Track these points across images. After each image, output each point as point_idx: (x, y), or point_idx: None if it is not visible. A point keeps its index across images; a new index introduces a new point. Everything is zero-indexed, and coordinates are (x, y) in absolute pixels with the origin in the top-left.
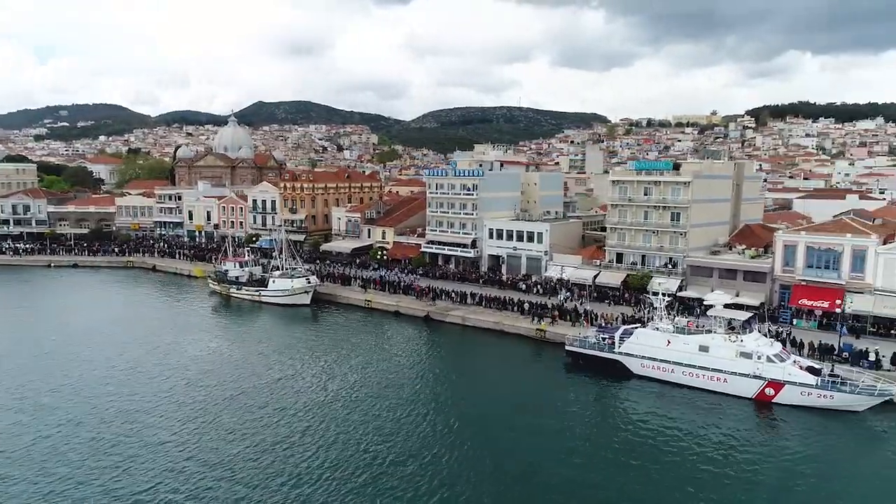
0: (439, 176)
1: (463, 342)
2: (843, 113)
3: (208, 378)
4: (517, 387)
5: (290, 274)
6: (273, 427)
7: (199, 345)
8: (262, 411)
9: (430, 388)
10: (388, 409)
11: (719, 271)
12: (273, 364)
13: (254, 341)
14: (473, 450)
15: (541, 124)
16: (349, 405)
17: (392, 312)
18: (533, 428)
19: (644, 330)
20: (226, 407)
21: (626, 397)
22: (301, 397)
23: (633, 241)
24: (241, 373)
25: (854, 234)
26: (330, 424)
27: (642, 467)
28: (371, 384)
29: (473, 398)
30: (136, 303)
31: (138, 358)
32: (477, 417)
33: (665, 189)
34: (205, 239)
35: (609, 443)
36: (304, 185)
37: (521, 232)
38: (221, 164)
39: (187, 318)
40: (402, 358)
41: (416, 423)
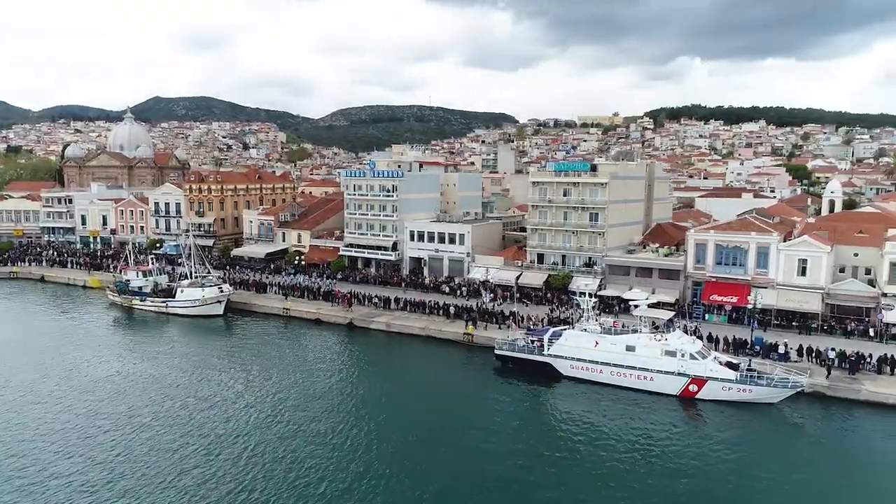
0: (357, 177)
1: (389, 349)
2: (730, 115)
3: (115, 404)
4: (447, 392)
5: (200, 283)
6: (195, 457)
7: (101, 365)
8: (182, 440)
9: (357, 399)
10: (314, 423)
11: (636, 270)
12: (187, 383)
13: (163, 358)
14: (404, 457)
15: (451, 123)
16: (273, 423)
17: (313, 320)
18: (464, 432)
19: (572, 332)
20: (139, 437)
21: (556, 399)
22: (222, 419)
23: (554, 241)
24: (152, 396)
25: (758, 233)
26: (256, 447)
27: (575, 465)
28: (295, 398)
29: (402, 406)
30: (24, 319)
31: (31, 384)
32: (407, 424)
33: (584, 190)
34: (100, 246)
35: (541, 443)
36: (211, 187)
37: (442, 234)
38: (117, 164)
39: (85, 335)
40: (325, 368)
41: (345, 434)
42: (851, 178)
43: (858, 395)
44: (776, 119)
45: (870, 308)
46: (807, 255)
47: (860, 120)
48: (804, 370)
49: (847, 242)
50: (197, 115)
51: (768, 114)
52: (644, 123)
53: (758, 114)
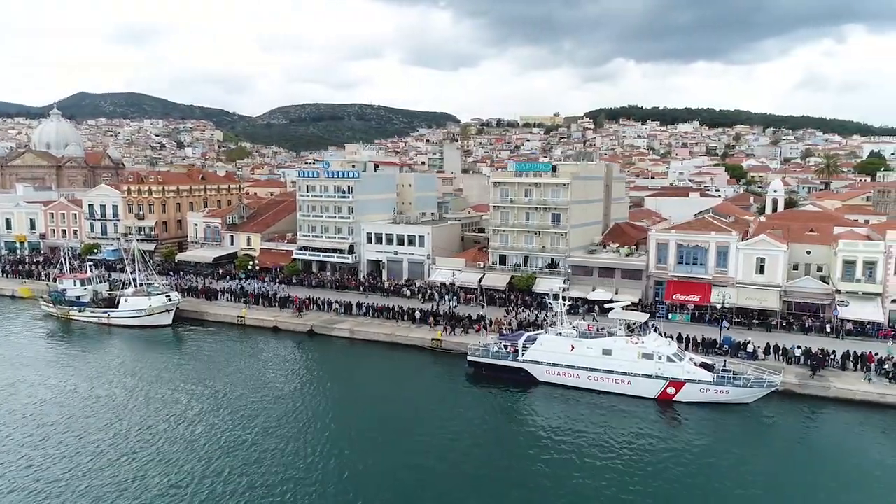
0: (311, 177)
1: (353, 357)
2: (665, 116)
3: (59, 428)
4: (418, 401)
5: (145, 291)
6: (158, 488)
7: (39, 386)
8: (143, 468)
9: (322, 411)
10: (280, 438)
11: (598, 270)
12: (141, 403)
13: (111, 375)
14: (376, 467)
15: (393, 122)
16: (236, 442)
17: (270, 328)
18: (439, 442)
19: (547, 336)
20: (95, 466)
21: (532, 405)
22: (183, 442)
23: (516, 242)
24: (100, 417)
25: (718, 232)
26: (217, 468)
27: (554, 472)
28: (257, 413)
29: (372, 416)
30: None
31: None
32: (378, 435)
33: (545, 190)
34: (28, 251)
35: (518, 450)
36: (152, 188)
37: (401, 236)
38: (44, 164)
39: (19, 350)
40: (288, 380)
41: (313, 449)
42: (784, 178)
43: (827, 393)
44: (708, 120)
45: (825, 304)
46: (765, 253)
47: (784, 122)
48: (778, 369)
49: (799, 241)
50: (126, 113)
51: (700, 115)
52: (585, 124)
53: (691, 115)
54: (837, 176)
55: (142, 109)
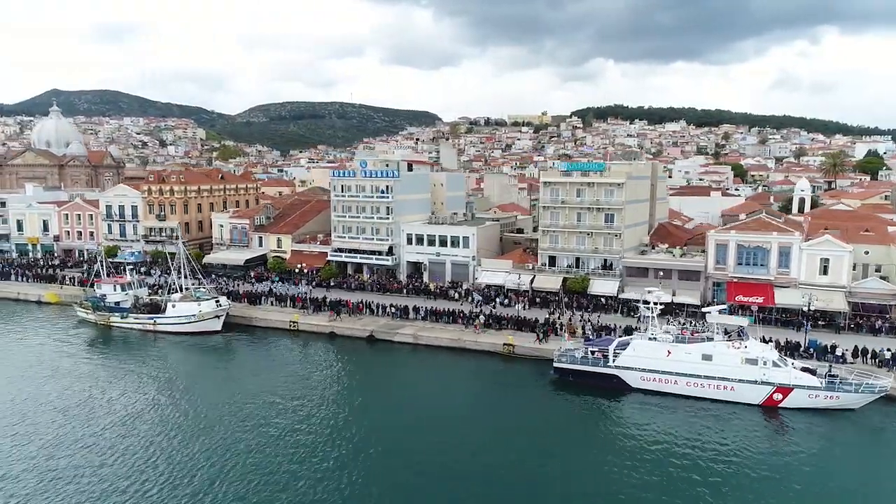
0: (346, 177)
1: (422, 364)
2: (651, 116)
3: (124, 454)
4: (508, 409)
5: (194, 296)
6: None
7: (102, 399)
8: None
9: (401, 422)
10: (378, 451)
11: (654, 271)
12: (212, 415)
13: (169, 385)
14: (476, 480)
15: (374, 121)
16: (336, 452)
17: (326, 334)
18: (535, 452)
19: (640, 341)
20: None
21: (628, 413)
22: (269, 456)
23: (567, 243)
24: (172, 434)
25: (780, 233)
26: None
27: (659, 483)
28: (330, 424)
29: (465, 427)
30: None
31: (30, 424)
32: (476, 446)
33: (598, 190)
34: (41, 253)
35: (619, 461)
36: (174, 188)
37: (444, 237)
38: (46, 163)
39: (60, 361)
40: (355, 388)
41: (394, 462)
42: (787, 177)
43: None
44: (694, 119)
45: (891, 305)
46: (829, 254)
47: (767, 121)
48: (869, 373)
49: (855, 241)
50: (102, 110)
51: (685, 114)
52: (573, 123)
53: (675, 114)
54: (841, 175)
55: (118, 107)
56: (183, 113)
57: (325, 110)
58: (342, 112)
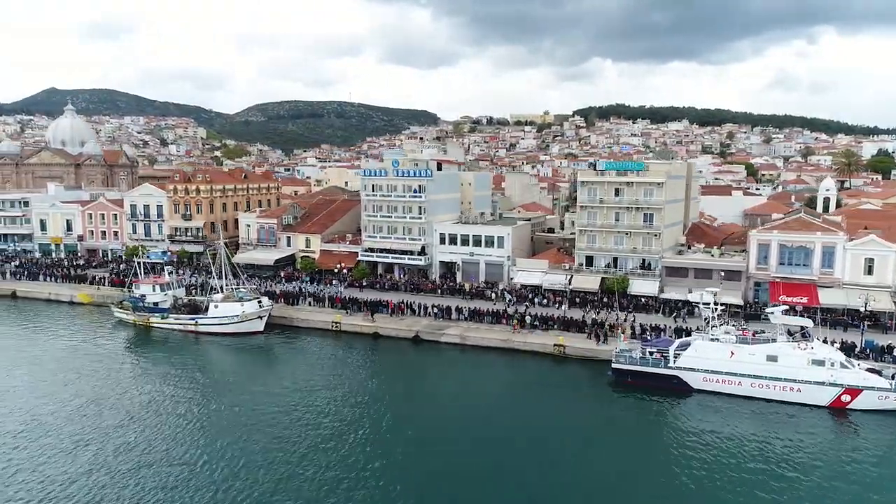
0: (378, 176)
1: (473, 365)
2: (654, 115)
3: (214, 448)
4: (568, 411)
5: (237, 296)
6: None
7: (137, 398)
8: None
9: (472, 424)
10: (436, 454)
11: (694, 271)
12: (268, 417)
13: (218, 386)
14: (531, 487)
15: (373, 120)
16: (391, 458)
17: (370, 335)
18: (599, 453)
19: (702, 342)
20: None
21: (691, 414)
22: (322, 460)
23: (605, 243)
24: (234, 434)
25: (823, 233)
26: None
27: (727, 485)
28: (399, 429)
29: (526, 430)
30: (16, 344)
31: (57, 430)
32: (538, 450)
33: (637, 190)
34: (64, 254)
35: (685, 461)
36: (200, 188)
37: (478, 236)
38: (62, 162)
39: (108, 363)
40: (414, 391)
41: (477, 462)
42: (800, 176)
43: None
44: (695, 119)
45: None
46: (874, 254)
47: (769, 120)
48: None
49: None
50: (100, 109)
51: (686, 114)
52: (576, 122)
53: (676, 114)
54: (855, 175)
55: (115, 106)
56: (180, 112)
57: (323, 109)
58: (341, 111)
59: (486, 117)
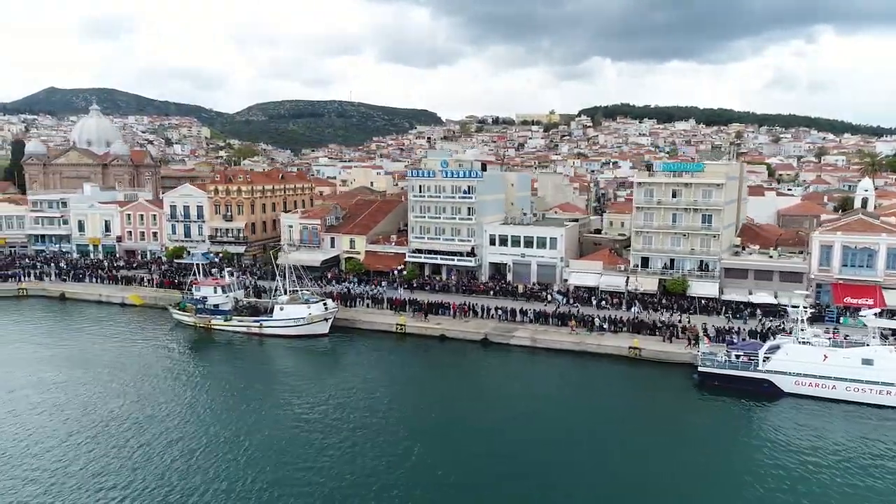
0: (425, 177)
1: (547, 368)
2: (658, 114)
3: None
4: (657, 415)
5: (303, 298)
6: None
7: (212, 400)
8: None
9: (556, 429)
10: (523, 460)
11: (754, 273)
12: (353, 421)
13: (291, 389)
14: (636, 490)
15: (374, 119)
16: (470, 465)
17: (436, 337)
18: (692, 458)
19: (793, 345)
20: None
21: (785, 418)
22: (397, 464)
23: (662, 244)
24: (319, 437)
25: (889, 234)
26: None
27: (826, 491)
28: (479, 434)
29: (616, 434)
30: (80, 346)
31: (143, 441)
32: (629, 454)
33: (696, 191)
34: (102, 254)
35: (782, 468)
36: (241, 188)
37: (529, 238)
38: (89, 162)
39: (171, 364)
40: (489, 394)
41: (566, 467)
42: (819, 176)
43: None
44: (699, 118)
45: None
46: None
47: (774, 120)
48: None
49: None
50: (100, 109)
51: (690, 113)
52: (583, 122)
53: (681, 113)
54: (877, 175)
55: (115, 105)
56: (180, 111)
57: (324, 109)
58: (341, 111)
59: (492, 117)
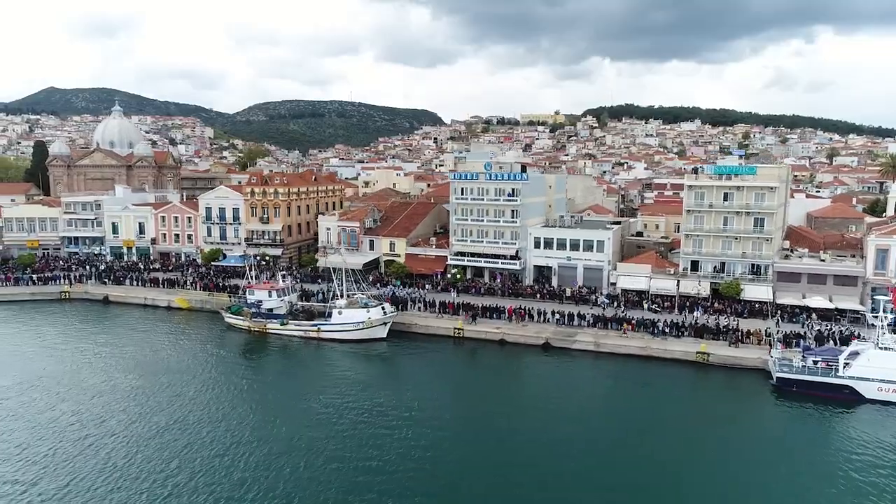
0: (469, 180)
1: (615, 373)
2: (664, 115)
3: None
4: (736, 420)
5: (362, 302)
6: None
7: (276, 404)
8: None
9: (635, 433)
10: (608, 470)
11: (808, 276)
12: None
13: (359, 394)
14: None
15: (374, 119)
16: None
17: (496, 342)
18: (775, 463)
19: (874, 351)
20: None
21: (870, 425)
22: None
23: (713, 248)
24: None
25: None
26: None
27: None
28: (554, 441)
29: (696, 441)
30: (135, 351)
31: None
32: (711, 461)
33: (748, 194)
34: (136, 257)
35: (868, 475)
36: (278, 191)
37: (576, 241)
38: (114, 163)
39: (231, 368)
40: (556, 399)
41: (647, 476)
42: (837, 177)
43: None
44: (703, 119)
45: None
46: None
47: (778, 121)
48: None
49: None
50: (99, 108)
51: (694, 114)
52: (589, 122)
53: (685, 114)
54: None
55: (115, 105)
56: (180, 111)
57: (324, 109)
58: (342, 111)
59: (497, 117)
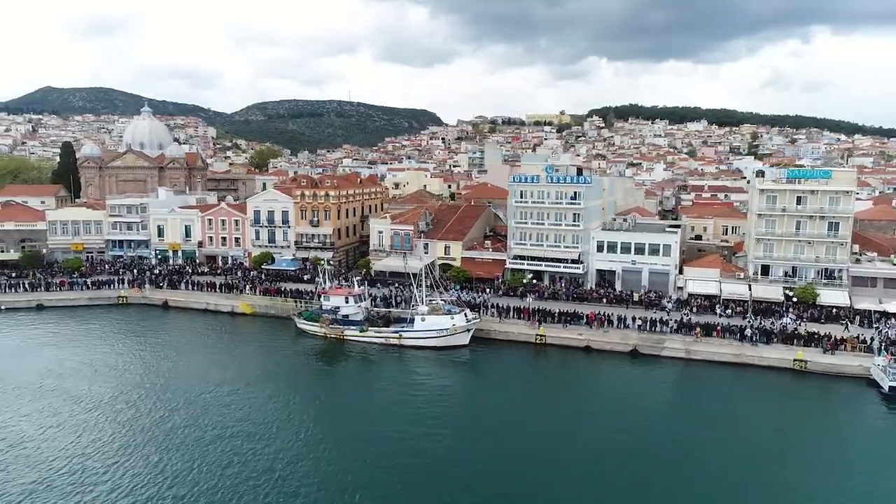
0: (529, 183)
1: (710, 381)
2: (671, 115)
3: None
4: (849, 433)
5: (445, 308)
6: None
7: (367, 414)
8: None
9: (736, 444)
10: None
11: (884, 281)
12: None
13: (462, 402)
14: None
15: (373, 119)
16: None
17: (580, 348)
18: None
19: None
20: None
21: None
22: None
23: (784, 252)
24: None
25: None
26: None
27: None
28: (670, 454)
29: (805, 453)
30: (213, 360)
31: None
32: (824, 476)
33: (823, 198)
34: (181, 260)
35: None
36: (329, 193)
37: (640, 244)
38: (146, 165)
39: (316, 377)
40: (655, 410)
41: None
42: (861, 178)
43: None
44: (709, 119)
45: None
46: None
47: (782, 121)
48: None
49: None
50: (97, 108)
51: (698, 114)
52: (596, 122)
53: (691, 114)
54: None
55: (113, 105)
56: (179, 111)
57: (323, 108)
58: (341, 111)
59: (503, 117)
